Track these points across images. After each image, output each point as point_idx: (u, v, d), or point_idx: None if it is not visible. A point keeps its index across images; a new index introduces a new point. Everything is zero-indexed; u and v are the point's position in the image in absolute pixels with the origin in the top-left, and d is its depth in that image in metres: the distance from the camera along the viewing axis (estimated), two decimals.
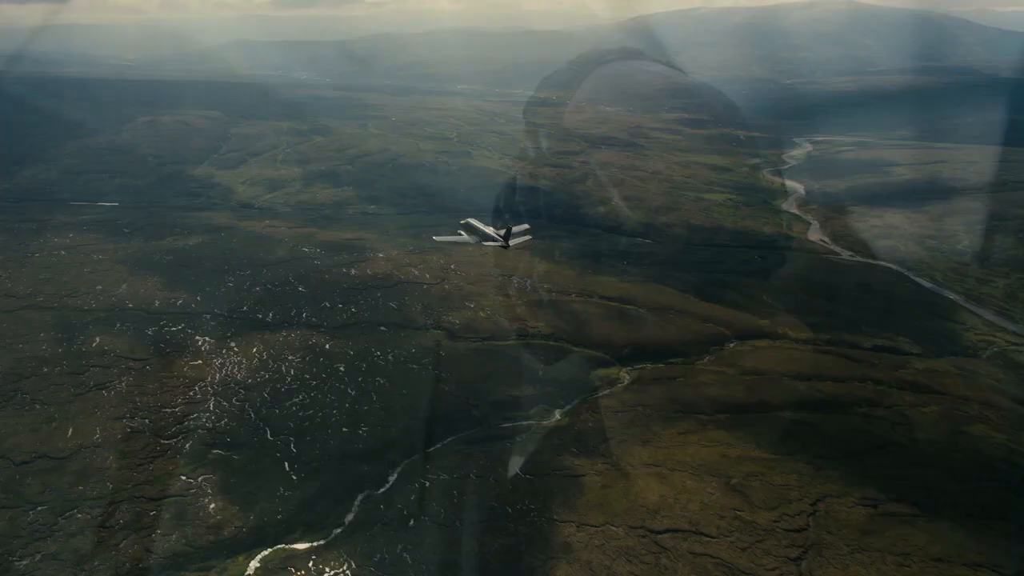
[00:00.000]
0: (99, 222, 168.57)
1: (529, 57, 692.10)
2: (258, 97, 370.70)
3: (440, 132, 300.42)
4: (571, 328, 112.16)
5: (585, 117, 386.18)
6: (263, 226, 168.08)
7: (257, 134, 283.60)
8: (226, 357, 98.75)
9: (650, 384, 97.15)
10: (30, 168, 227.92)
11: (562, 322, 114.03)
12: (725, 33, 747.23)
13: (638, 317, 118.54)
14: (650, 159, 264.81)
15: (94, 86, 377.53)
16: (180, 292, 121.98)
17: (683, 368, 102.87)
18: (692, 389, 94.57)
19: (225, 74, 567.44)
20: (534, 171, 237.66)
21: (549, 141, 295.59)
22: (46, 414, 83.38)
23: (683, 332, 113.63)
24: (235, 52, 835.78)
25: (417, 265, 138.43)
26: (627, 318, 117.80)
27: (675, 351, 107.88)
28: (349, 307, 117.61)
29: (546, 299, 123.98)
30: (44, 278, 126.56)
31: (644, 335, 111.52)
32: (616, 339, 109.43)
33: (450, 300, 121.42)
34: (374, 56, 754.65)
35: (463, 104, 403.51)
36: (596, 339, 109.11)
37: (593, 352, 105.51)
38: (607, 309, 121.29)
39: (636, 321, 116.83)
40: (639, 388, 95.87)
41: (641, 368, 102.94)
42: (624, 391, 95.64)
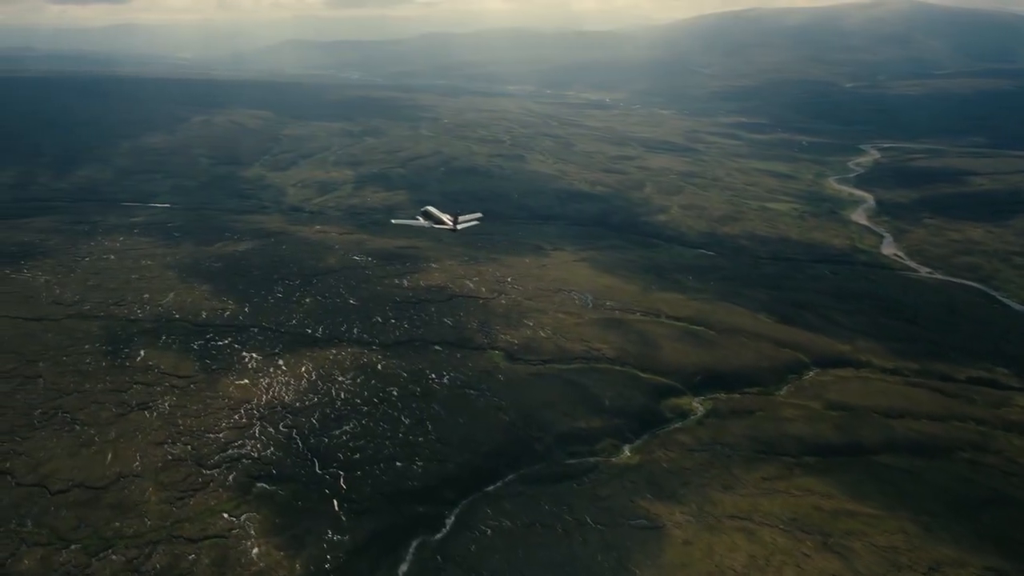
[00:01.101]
0: (150, 224, 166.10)
1: (580, 58, 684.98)
2: (310, 97, 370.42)
3: (492, 134, 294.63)
4: (637, 351, 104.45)
5: (639, 120, 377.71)
6: (313, 231, 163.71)
7: (308, 135, 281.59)
8: (273, 376, 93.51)
9: (727, 418, 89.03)
10: (86, 168, 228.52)
11: (627, 344, 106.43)
12: (781, 35, 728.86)
13: (708, 340, 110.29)
14: (709, 165, 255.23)
15: (151, 85, 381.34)
16: (228, 302, 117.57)
17: (761, 399, 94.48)
18: (774, 425, 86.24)
19: (277, 74, 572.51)
20: (591, 177, 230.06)
21: (604, 145, 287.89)
22: (86, 436, 78.84)
23: (758, 358, 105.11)
24: (287, 52, 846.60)
25: (472, 277, 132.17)
26: (697, 341, 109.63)
27: (750, 379, 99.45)
28: (402, 322, 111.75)
29: (609, 318, 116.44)
30: (92, 284, 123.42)
31: (716, 360, 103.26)
32: (686, 364, 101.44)
33: (508, 317, 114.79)
34: (425, 56, 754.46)
35: (514, 106, 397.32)
36: (665, 364, 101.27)
37: (662, 379, 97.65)
38: (675, 330, 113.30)
39: (707, 344, 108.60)
40: (715, 422, 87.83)
41: (715, 398, 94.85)
42: (698, 425, 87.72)
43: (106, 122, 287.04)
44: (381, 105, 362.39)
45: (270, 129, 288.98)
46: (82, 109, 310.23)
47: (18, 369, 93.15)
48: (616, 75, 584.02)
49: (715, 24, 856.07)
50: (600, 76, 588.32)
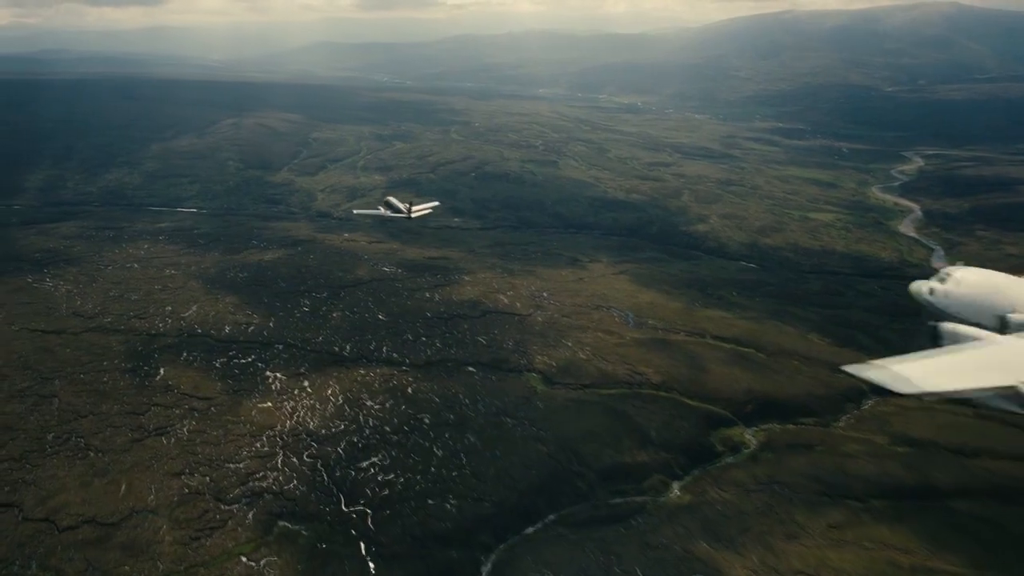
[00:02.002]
0: (176, 231, 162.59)
1: (611, 61, 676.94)
2: (339, 100, 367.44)
3: (524, 139, 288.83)
4: (684, 376, 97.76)
5: (673, 125, 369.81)
6: (342, 240, 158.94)
7: (338, 139, 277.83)
8: (298, 400, 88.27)
9: (783, 452, 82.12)
10: (115, 171, 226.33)
11: (673, 367, 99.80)
12: (818, 37, 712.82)
13: (759, 363, 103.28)
14: (747, 173, 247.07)
15: (181, 87, 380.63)
16: (253, 316, 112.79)
17: (819, 431, 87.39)
18: (836, 462, 79.10)
19: (307, 76, 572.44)
20: (626, 184, 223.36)
21: (638, 151, 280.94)
22: (100, 465, 74.05)
23: (812, 384, 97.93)
24: (317, 53, 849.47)
25: (506, 291, 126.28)
26: (746, 364, 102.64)
27: (806, 408, 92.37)
28: (433, 340, 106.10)
29: (652, 338, 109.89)
30: (113, 295, 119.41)
31: (768, 387, 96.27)
32: (736, 391, 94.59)
33: (545, 335, 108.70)
34: (454, 58, 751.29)
35: (546, 109, 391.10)
36: (713, 391, 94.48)
37: (711, 407, 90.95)
38: (722, 352, 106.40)
39: (757, 368, 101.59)
40: (771, 458, 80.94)
41: (768, 428, 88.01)
42: (753, 460, 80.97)
43: (136, 124, 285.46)
44: (411, 108, 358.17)
45: (299, 132, 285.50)
46: (114, 111, 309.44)
47: (33, 388, 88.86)
48: (648, 78, 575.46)
49: (748, 27, 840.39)
50: (632, 79, 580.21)
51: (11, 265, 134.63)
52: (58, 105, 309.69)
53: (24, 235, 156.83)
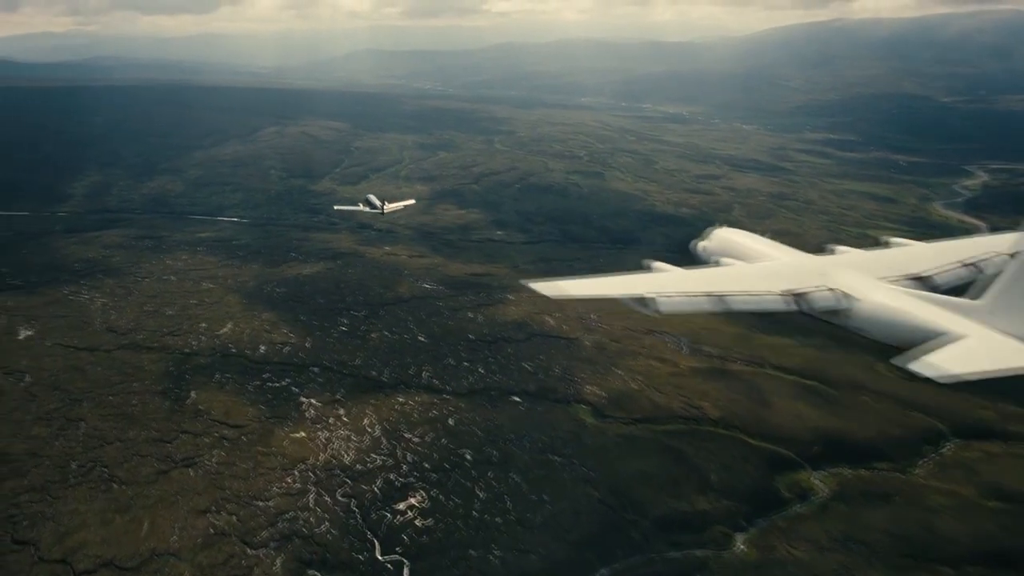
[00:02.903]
0: (216, 241, 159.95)
1: (657, 69, 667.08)
2: (383, 108, 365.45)
3: (569, 149, 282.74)
4: (745, 411, 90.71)
5: (721, 136, 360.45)
6: (382, 253, 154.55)
7: (381, 147, 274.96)
8: (333, 429, 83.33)
9: (858, 504, 74.61)
10: (158, 179, 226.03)
11: (732, 401, 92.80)
12: (870, 46, 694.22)
13: (825, 397, 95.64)
14: (800, 187, 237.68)
15: (228, 94, 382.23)
16: (289, 335, 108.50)
17: (896, 479, 79.59)
18: (920, 518, 71.48)
19: (352, 83, 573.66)
20: (674, 197, 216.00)
21: (686, 162, 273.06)
22: (122, 499, 69.83)
23: (885, 423, 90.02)
24: (363, 61, 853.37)
25: (553, 312, 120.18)
26: (811, 398, 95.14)
27: (879, 450, 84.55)
28: (476, 366, 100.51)
29: (709, 367, 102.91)
30: (149, 310, 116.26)
31: (836, 425, 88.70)
32: (802, 429, 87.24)
33: (594, 362, 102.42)
34: (499, 66, 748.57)
35: (591, 119, 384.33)
36: (777, 428, 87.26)
37: (775, 448, 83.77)
38: (784, 384, 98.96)
39: (823, 403, 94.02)
40: (845, 510, 73.51)
41: (838, 473, 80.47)
42: (824, 511, 73.63)
43: (182, 132, 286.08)
44: (455, 117, 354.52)
45: (342, 141, 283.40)
46: (160, 118, 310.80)
47: (60, 410, 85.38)
48: (694, 87, 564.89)
49: (797, 35, 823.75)
50: (678, 88, 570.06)
51: (50, 275, 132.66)
52: (107, 112, 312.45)
53: (66, 244, 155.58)
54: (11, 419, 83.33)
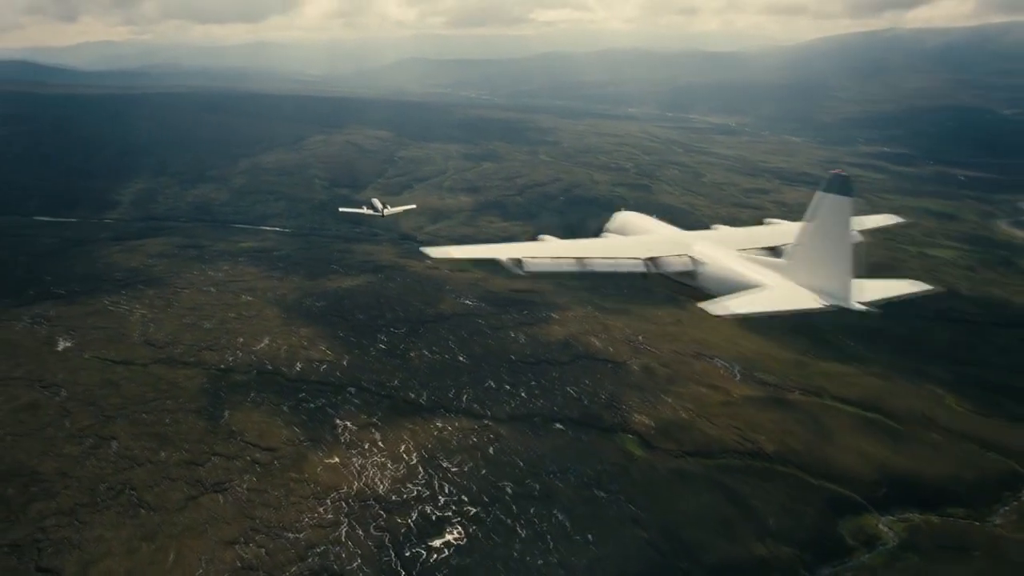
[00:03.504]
0: (257, 252, 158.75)
1: (704, 80, 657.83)
2: (428, 117, 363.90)
3: (615, 161, 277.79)
4: (803, 446, 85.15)
5: (770, 148, 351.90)
6: (424, 267, 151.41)
7: (425, 157, 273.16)
8: (368, 456, 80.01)
9: (933, 555, 68.80)
10: (204, 186, 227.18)
11: (789, 434, 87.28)
12: (924, 56, 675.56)
13: (890, 433, 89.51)
14: (855, 203, 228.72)
15: (276, 102, 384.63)
16: (327, 352, 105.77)
17: (972, 528, 73.47)
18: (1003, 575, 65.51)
19: (398, 91, 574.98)
20: (723, 212, 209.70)
21: (735, 175, 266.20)
22: (150, 526, 67.26)
23: (958, 464, 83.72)
24: (409, 69, 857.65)
25: (599, 333, 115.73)
26: (875, 433, 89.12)
27: (952, 494, 78.47)
28: (518, 389, 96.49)
29: (763, 396, 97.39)
30: (187, 323, 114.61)
31: (903, 464, 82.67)
32: (865, 468, 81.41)
33: (642, 388, 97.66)
34: (544, 75, 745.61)
35: (637, 129, 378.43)
36: (839, 466, 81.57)
37: (837, 488, 78.17)
38: (845, 417, 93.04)
39: (888, 439, 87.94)
40: (918, 563, 67.76)
41: (907, 519, 74.68)
42: (894, 561, 68.06)
43: (229, 139, 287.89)
44: (500, 127, 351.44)
45: (386, 150, 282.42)
46: (209, 126, 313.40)
47: (93, 427, 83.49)
48: (742, 98, 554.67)
49: (847, 45, 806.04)
50: (725, 99, 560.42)
51: (92, 285, 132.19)
52: (157, 119, 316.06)
53: (111, 252, 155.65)
54: (44, 436, 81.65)
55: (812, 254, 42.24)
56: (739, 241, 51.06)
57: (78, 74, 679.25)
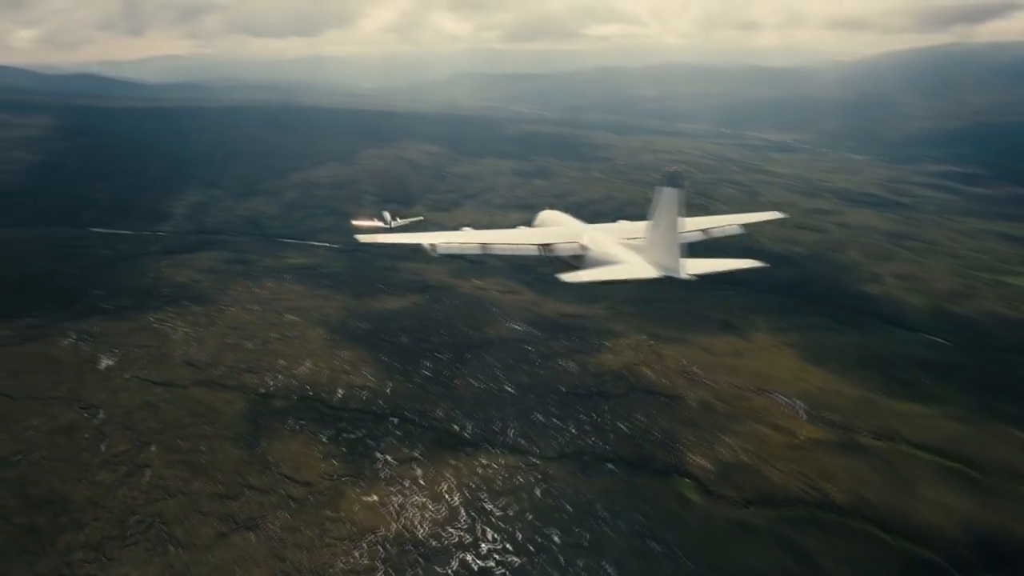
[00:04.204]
0: (304, 268, 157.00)
1: (760, 95, 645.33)
2: (480, 132, 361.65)
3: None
4: (877, 497, 78.26)
5: (830, 167, 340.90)
6: (472, 287, 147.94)
7: (475, 173, 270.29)
8: (407, 494, 75.88)
9: None
10: (255, 200, 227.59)
11: (862, 484, 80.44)
12: (995, 71, 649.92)
13: (975, 485, 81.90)
14: (923, 225, 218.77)
15: (329, 116, 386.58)
16: (369, 377, 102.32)
17: None
18: None
19: (450, 105, 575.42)
20: (782, 234, 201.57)
21: (794, 195, 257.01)
22: (178, 566, 64.19)
23: None
24: (462, 83, 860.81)
25: (653, 363, 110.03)
26: (959, 485, 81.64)
27: None
28: (568, 424, 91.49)
29: (830, 439, 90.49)
30: (229, 343, 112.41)
31: (992, 521, 75.17)
32: (950, 525, 74.26)
33: (698, 426, 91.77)
34: (598, 90, 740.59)
35: (691, 146, 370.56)
36: (919, 522, 74.57)
37: (916, 548, 71.20)
38: (923, 466, 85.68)
39: (974, 492, 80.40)
40: None
41: None
42: None
43: (282, 153, 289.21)
44: (552, 142, 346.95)
45: (438, 165, 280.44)
46: (263, 139, 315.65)
47: (128, 453, 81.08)
48: (800, 114, 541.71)
49: (912, 60, 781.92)
50: (782, 115, 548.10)
51: (140, 300, 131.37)
52: (214, 132, 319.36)
53: (160, 266, 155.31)
54: (79, 460, 79.53)
55: (654, 236, 49.38)
56: (627, 231, 56.83)
57: (142, 87, 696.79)
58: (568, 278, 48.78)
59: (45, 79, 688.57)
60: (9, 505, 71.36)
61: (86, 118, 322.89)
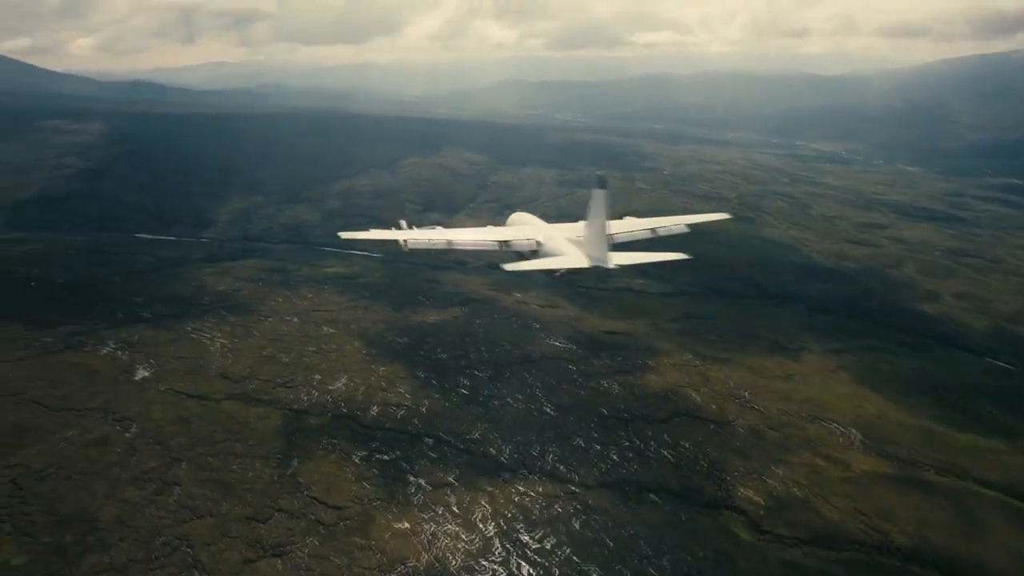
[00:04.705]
0: (343, 279, 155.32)
1: (810, 104, 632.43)
2: (523, 140, 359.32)
3: (716, 190, 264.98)
4: (944, 541, 72.82)
5: (884, 179, 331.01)
6: (513, 301, 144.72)
7: (517, 183, 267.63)
8: (440, 522, 72.74)
9: None
10: (297, 207, 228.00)
11: (926, 524, 75.06)
12: None
13: None
14: (983, 241, 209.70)
15: (373, 124, 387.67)
16: (405, 395, 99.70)
17: None
18: None
19: (494, 113, 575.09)
20: (834, 248, 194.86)
21: (846, 208, 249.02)
22: None
23: None
24: (507, 91, 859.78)
25: (698, 385, 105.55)
26: None
27: None
28: (609, 449, 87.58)
29: (889, 473, 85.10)
30: (266, 355, 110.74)
31: None
32: None
33: (748, 455, 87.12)
34: (644, 98, 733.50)
35: (739, 156, 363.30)
36: (990, 570, 69.03)
37: None
38: (996, 507, 79.82)
39: None
40: None
41: None
42: None
43: (325, 161, 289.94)
44: (595, 151, 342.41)
45: (479, 174, 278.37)
46: (307, 146, 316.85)
47: (158, 470, 79.32)
48: (852, 124, 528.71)
49: (970, 68, 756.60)
50: (833, 125, 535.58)
51: (180, 309, 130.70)
52: (259, 138, 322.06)
53: (201, 274, 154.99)
54: (109, 476, 77.96)
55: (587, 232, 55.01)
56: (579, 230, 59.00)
57: (192, 93, 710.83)
58: (509, 267, 55.77)
59: (102, 86, 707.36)
60: (38, 522, 69.89)
61: (136, 124, 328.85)
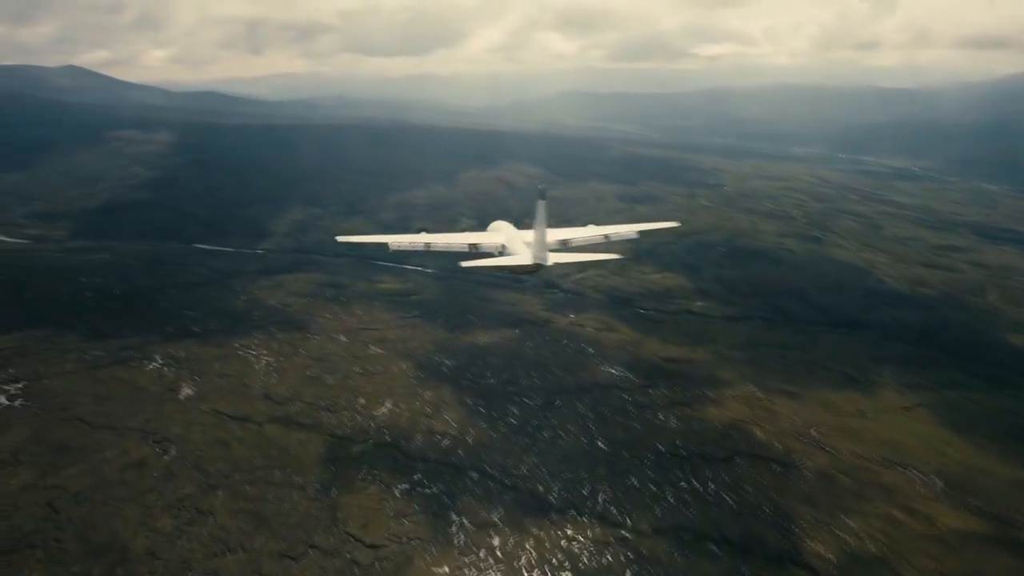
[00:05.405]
0: (395, 295, 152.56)
1: (878, 118, 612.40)
2: (582, 154, 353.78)
3: (781, 208, 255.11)
4: None
5: (961, 197, 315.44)
6: (568, 322, 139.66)
7: (575, 198, 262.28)
8: (482, 567, 68.11)
9: None
10: (354, 219, 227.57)
11: None
12: None
13: None
14: None
15: (432, 136, 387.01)
16: (451, 423, 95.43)
17: None
18: None
19: (554, 125, 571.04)
20: (908, 272, 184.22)
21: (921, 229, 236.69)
22: None
23: None
24: (567, 102, 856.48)
25: (762, 421, 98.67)
26: None
27: None
28: (665, 491, 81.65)
29: (979, 532, 77.08)
30: (310, 375, 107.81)
31: None
32: None
33: (816, 504, 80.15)
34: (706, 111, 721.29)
35: (805, 172, 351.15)
36: None
37: None
38: None
39: None
40: None
41: None
42: None
43: (384, 172, 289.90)
44: (658, 166, 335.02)
45: (536, 189, 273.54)
46: (366, 157, 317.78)
47: (193, 497, 76.52)
48: (924, 139, 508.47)
49: None
50: (905, 140, 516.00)
51: (229, 324, 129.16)
52: (320, 149, 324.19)
53: (254, 287, 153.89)
54: (143, 502, 75.42)
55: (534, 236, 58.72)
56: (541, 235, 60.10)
57: (258, 103, 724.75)
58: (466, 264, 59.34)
59: (173, 96, 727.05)
60: (70, 550, 67.63)
61: (202, 135, 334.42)
